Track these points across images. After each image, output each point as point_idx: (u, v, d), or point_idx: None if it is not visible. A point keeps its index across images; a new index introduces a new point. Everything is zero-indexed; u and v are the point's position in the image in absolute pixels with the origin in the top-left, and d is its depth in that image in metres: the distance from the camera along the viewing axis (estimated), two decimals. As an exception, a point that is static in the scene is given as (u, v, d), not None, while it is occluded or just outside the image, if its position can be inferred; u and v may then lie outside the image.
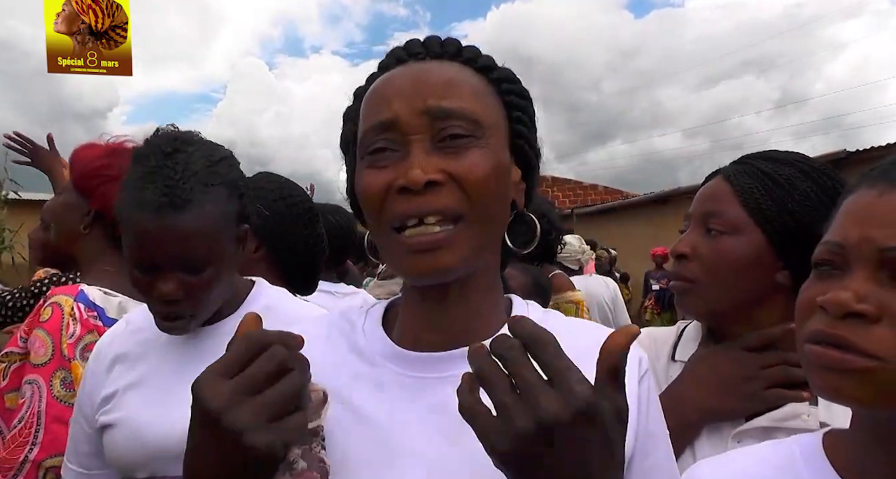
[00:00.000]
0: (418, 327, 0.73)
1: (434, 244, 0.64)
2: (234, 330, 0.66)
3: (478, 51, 0.76)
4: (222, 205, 1.07)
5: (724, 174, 1.07)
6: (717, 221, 1.03)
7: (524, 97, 0.76)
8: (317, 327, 0.79)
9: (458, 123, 0.66)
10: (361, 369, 0.72)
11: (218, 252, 1.07)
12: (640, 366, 0.73)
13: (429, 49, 0.73)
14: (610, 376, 0.53)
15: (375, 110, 0.68)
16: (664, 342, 1.19)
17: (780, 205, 1.01)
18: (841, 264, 0.64)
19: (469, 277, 0.70)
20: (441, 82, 0.68)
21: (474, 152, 0.66)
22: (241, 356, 0.58)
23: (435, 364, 0.70)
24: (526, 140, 0.75)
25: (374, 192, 0.67)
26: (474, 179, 0.65)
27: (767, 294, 1.03)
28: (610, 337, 0.53)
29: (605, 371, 0.53)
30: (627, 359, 0.70)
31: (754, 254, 1.01)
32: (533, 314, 0.77)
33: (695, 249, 1.04)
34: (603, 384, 0.52)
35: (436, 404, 0.68)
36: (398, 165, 0.66)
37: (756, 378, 0.99)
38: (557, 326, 0.74)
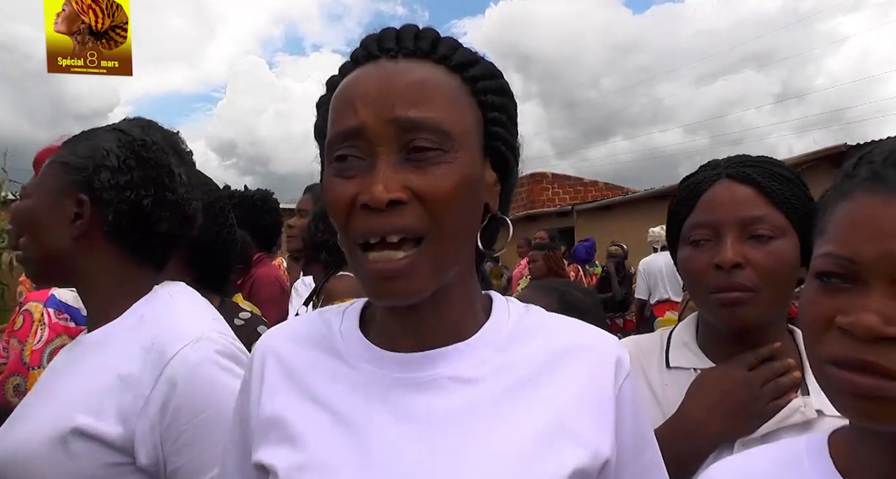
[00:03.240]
0: (393, 330, 0.72)
1: (396, 272, 0.64)
2: (109, 340, 0.60)
3: (454, 46, 0.72)
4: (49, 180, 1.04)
5: (738, 178, 1.05)
6: (765, 227, 1.01)
7: (503, 94, 0.73)
8: (294, 328, 0.79)
9: (425, 136, 0.64)
10: (339, 370, 0.72)
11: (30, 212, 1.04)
12: (618, 368, 0.72)
13: (401, 45, 0.69)
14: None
15: (342, 115, 0.67)
16: (650, 350, 1.17)
17: (805, 205, 1.03)
18: (851, 279, 0.61)
19: (440, 289, 0.68)
20: (410, 88, 0.65)
21: (440, 168, 0.64)
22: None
23: (413, 365, 0.70)
24: (503, 141, 0.73)
25: (339, 205, 0.66)
26: (439, 198, 0.64)
27: (792, 293, 1.05)
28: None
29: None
30: (599, 358, 0.71)
31: (796, 255, 1.02)
32: (514, 312, 0.76)
33: (746, 257, 1.00)
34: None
35: (413, 405, 0.68)
36: (363, 177, 0.64)
37: (762, 396, 1.00)
38: (537, 322, 0.76)
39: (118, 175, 1.01)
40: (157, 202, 1.04)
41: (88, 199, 1.01)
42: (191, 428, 0.91)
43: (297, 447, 0.68)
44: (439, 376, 0.69)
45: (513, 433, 0.66)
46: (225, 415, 0.86)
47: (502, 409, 0.67)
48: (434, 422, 0.67)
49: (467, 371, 0.69)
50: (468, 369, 0.69)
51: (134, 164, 1.03)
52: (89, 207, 1.01)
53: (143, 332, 0.97)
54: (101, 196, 1.01)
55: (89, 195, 1.01)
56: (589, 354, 0.72)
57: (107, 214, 1.01)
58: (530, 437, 0.66)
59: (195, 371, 0.92)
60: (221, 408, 0.89)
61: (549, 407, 0.68)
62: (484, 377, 0.69)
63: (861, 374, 0.58)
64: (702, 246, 1.05)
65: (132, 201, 1.02)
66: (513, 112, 0.75)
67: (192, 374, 0.92)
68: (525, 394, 0.68)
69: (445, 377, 0.69)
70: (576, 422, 0.67)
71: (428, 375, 0.69)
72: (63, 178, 1.02)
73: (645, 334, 1.27)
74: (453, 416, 0.66)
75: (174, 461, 0.91)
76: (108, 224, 1.01)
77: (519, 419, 0.67)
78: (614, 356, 0.72)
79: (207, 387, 0.93)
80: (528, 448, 0.65)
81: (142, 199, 1.03)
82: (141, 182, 1.03)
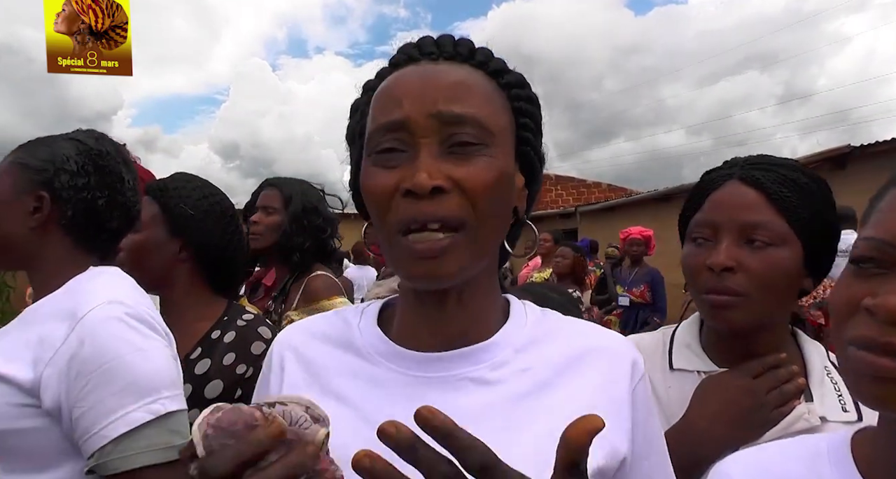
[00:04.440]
0: (417, 328, 0.73)
1: (438, 252, 0.65)
2: (40, 307, 0.79)
3: (490, 53, 0.75)
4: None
5: (747, 181, 1.03)
6: (763, 233, 0.99)
7: (533, 103, 0.76)
8: (313, 327, 0.80)
9: (467, 130, 0.66)
10: (359, 367, 0.73)
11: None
12: (633, 370, 0.73)
13: (441, 49, 0.73)
14: (567, 472, 0.47)
15: (386, 110, 0.68)
16: (653, 351, 1.16)
17: (815, 214, 1.00)
18: (888, 264, 0.60)
19: (467, 281, 0.71)
20: (453, 86, 0.68)
21: (481, 160, 0.67)
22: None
23: (434, 364, 0.71)
24: (532, 147, 0.75)
25: (380, 192, 0.67)
26: (479, 189, 0.66)
27: (792, 301, 1.04)
28: (570, 429, 0.47)
29: (562, 467, 0.47)
30: (617, 360, 0.72)
31: (796, 265, 1.00)
32: (531, 314, 0.77)
33: (739, 261, 0.99)
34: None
35: (433, 404, 0.67)
36: (406, 167, 0.66)
37: (766, 404, 0.99)
38: (555, 325, 0.77)
39: (77, 178, 1.19)
40: (109, 203, 1.23)
41: (49, 196, 1.17)
42: (94, 377, 1.00)
43: None
44: (459, 377, 0.70)
45: (532, 434, 0.66)
46: (127, 367, 1.01)
47: (522, 410, 0.68)
48: (455, 419, 0.67)
49: (487, 373, 0.70)
50: (488, 371, 0.70)
51: (91, 169, 1.21)
52: (49, 203, 1.17)
53: (66, 298, 1.12)
54: (60, 195, 1.17)
55: (49, 193, 1.17)
56: (606, 356, 0.73)
57: (65, 210, 1.18)
58: (550, 438, 0.65)
59: (102, 325, 1.04)
60: (125, 360, 1.02)
61: (568, 409, 0.67)
62: (503, 379, 0.70)
63: (881, 356, 0.57)
64: (701, 245, 1.05)
65: (88, 201, 1.20)
66: (540, 121, 0.78)
67: (98, 328, 1.04)
68: (544, 396, 0.69)
69: (465, 378, 0.70)
70: None
71: (448, 375, 0.70)
72: (22, 176, 1.18)
73: (646, 333, 1.25)
74: (473, 416, 0.65)
75: (80, 407, 1.00)
76: (66, 219, 1.19)
77: (538, 421, 0.67)
78: (630, 359, 0.74)
79: (112, 340, 1.03)
80: (547, 450, 0.64)
81: (96, 199, 1.21)
82: (96, 186, 1.21)
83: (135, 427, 1.00)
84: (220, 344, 1.53)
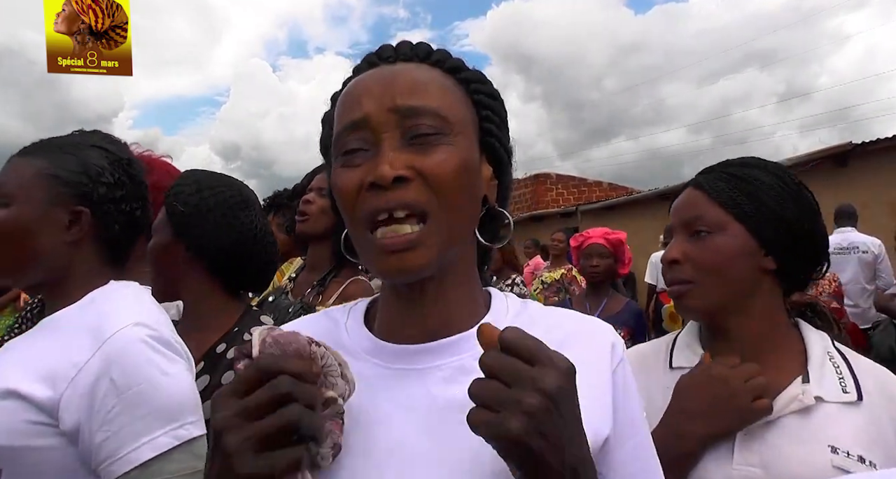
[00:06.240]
0: (397, 322, 0.75)
1: (405, 245, 0.67)
2: (61, 319, 0.77)
3: (447, 54, 0.78)
4: (34, 170, 1.14)
5: (693, 184, 1.15)
6: (701, 223, 1.10)
7: (494, 98, 0.79)
8: (303, 325, 0.81)
9: (425, 121, 0.69)
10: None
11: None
12: (613, 352, 0.75)
13: (399, 52, 0.76)
14: (536, 352, 0.57)
15: (347, 110, 0.72)
16: (655, 355, 1.21)
17: (752, 198, 1.08)
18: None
19: (444, 272, 0.72)
20: (409, 82, 0.71)
21: (442, 149, 0.69)
22: (249, 380, 0.57)
23: (415, 356, 0.73)
24: (496, 138, 0.77)
25: (347, 190, 0.70)
26: (441, 175, 0.68)
27: (756, 281, 1.10)
28: (481, 335, 0.59)
29: (528, 353, 0.56)
30: (596, 344, 0.76)
31: (740, 246, 1.08)
32: (512, 306, 0.80)
33: (685, 253, 1.11)
34: (542, 359, 0.56)
35: (416, 395, 0.70)
36: (369, 163, 0.68)
37: (743, 392, 1.01)
38: (535, 314, 0.80)
39: (115, 190, 1.18)
40: (144, 213, 1.24)
41: (89, 210, 1.15)
42: (122, 400, 0.98)
43: None
44: (442, 367, 0.71)
45: None
46: (155, 391, 0.99)
47: None
48: (438, 411, 0.68)
49: (469, 361, 0.70)
50: (470, 360, 0.70)
51: (126, 180, 1.20)
52: (89, 217, 1.15)
53: (90, 312, 1.09)
54: (100, 209, 1.16)
55: (88, 207, 1.15)
56: (586, 339, 0.76)
57: (108, 223, 1.17)
58: None
59: (130, 348, 1.01)
60: (153, 385, 1.00)
61: None
62: None
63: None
64: (666, 246, 1.17)
65: (127, 213, 1.20)
66: (503, 115, 0.80)
67: (126, 351, 1.01)
68: None
69: (449, 367, 0.71)
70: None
71: (430, 365, 0.71)
72: (53, 189, 1.13)
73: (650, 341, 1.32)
74: (457, 405, 0.66)
75: (105, 430, 0.97)
76: (104, 232, 1.17)
77: None
78: (609, 341, 0.76)
79: (141, 364, 1.01)
80: None
81: (134, 210, 1.21)
82: (131, 197, 1.21)
83: (161, 452, 0.97)
84: (223, 361, 1.46)
